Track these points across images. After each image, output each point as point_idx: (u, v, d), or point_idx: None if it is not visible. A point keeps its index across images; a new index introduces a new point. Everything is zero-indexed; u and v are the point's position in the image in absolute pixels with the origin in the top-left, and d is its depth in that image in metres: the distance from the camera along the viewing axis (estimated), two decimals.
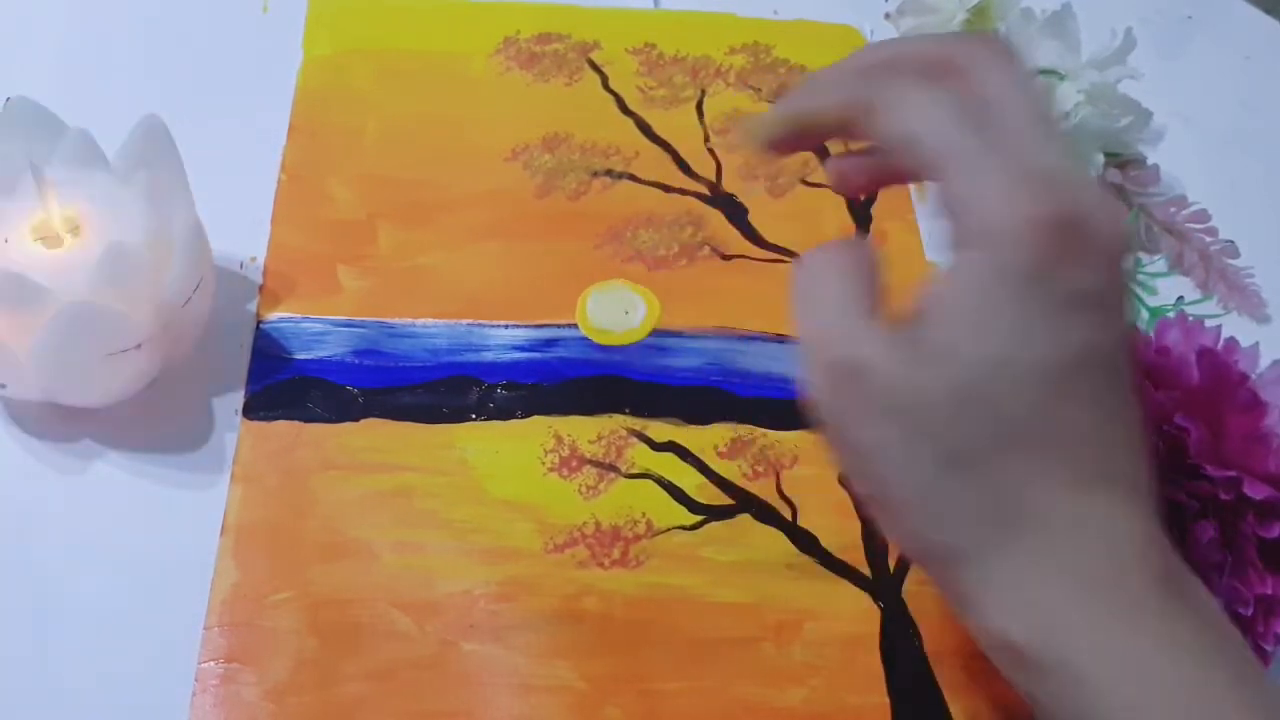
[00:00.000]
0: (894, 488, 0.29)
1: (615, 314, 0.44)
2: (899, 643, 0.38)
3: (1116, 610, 0.28)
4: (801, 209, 0.49)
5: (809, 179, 0.50)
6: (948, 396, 0.28)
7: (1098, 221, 0.28)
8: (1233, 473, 0.36)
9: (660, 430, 0.42)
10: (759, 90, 0.53)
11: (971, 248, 0.28)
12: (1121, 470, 0.29)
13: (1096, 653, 0.27)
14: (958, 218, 0.29)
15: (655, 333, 0.44)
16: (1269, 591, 0.36)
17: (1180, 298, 0.48)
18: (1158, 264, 0.49)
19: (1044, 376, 0.28)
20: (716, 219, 0.48)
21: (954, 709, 0.37)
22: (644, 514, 0.40)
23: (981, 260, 0.28)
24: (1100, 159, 0.50)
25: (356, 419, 0.41)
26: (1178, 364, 0.38)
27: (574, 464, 0.41)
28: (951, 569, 0.29)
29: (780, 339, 0.44)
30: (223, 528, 0.38)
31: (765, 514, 0.40)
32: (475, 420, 0.41)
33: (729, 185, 0.49)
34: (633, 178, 0.49)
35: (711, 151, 0.50)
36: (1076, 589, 0.28)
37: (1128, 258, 0.29)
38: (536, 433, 0.41)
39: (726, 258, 0.47)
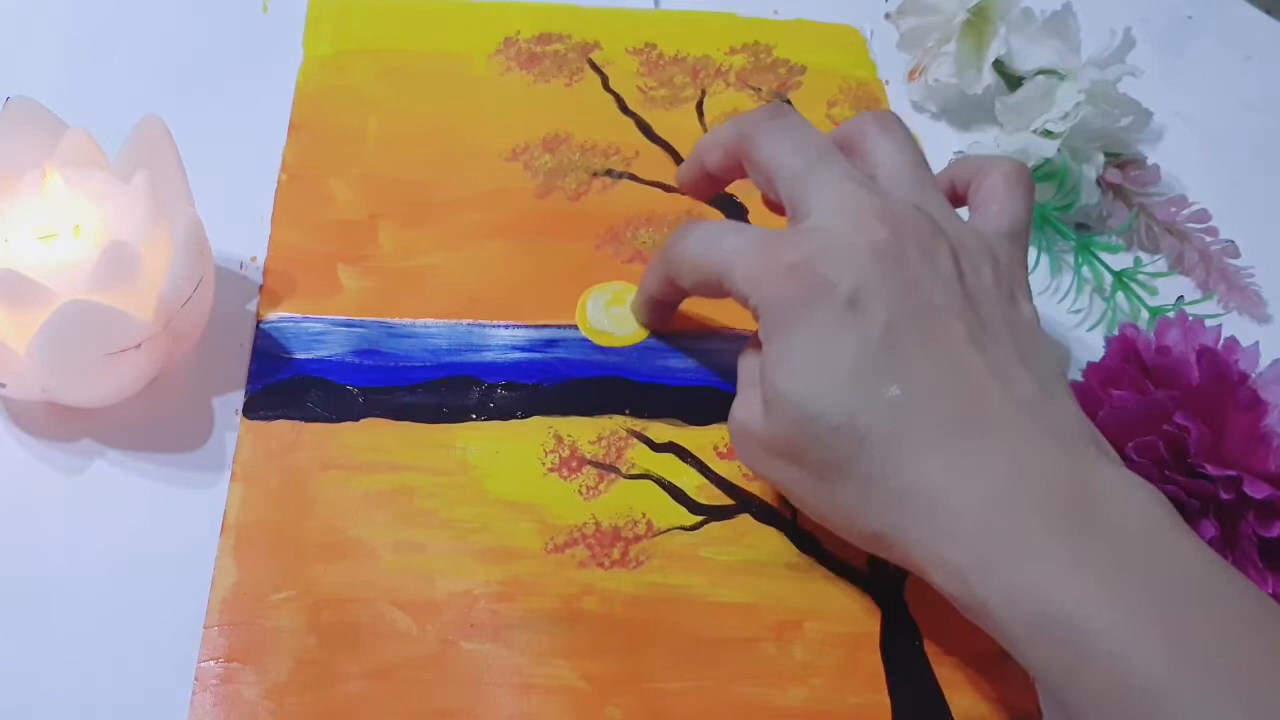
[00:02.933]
0: (808, 502, 0.36)
1: (615, 316, 0.44)
2: (899, 643, 0.38)
3: (1022, 525, 0.31)
4: None
5: None
6: (790, 432, 0.34)
7: (830, 252, 0.34)
8: (1233, 472, 0.36)
9: (660, 431, 0.42)
10: (759, 90, 0.53)
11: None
12: (973, 416, 0.33)
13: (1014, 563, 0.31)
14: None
15: (655, 333, 0.44)
16: (1270, 591, 0.36)
17: (1180, 297, 0.48)
18: (1158, 264, 0.49)
19: (850, 382, 0.33)
20: (717, 219, 0.48)
21: (954, 709, 0.37)
22: (644, 514, 0.40)
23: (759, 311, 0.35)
24: (1100, 159, 0.50)
25: (357, 419, 0.41)
26: (1178, 363, 0.38)
27: (574, 464, 0.41)
28: (887, 549, 0.34)
29: None
30: (223, 527, 0.38)
31: (765, 514, 0.40)
32: (475, 420, 0.41)
33: (729, 185, 0.49)
34: (633, 178, 0.49)
35: None
36: (983, 515, 0.32)
37: (870, 271, 0.34)
38: (537, 433, 0.41)
39: None
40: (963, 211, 0.40)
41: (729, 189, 0.49)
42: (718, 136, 0.40)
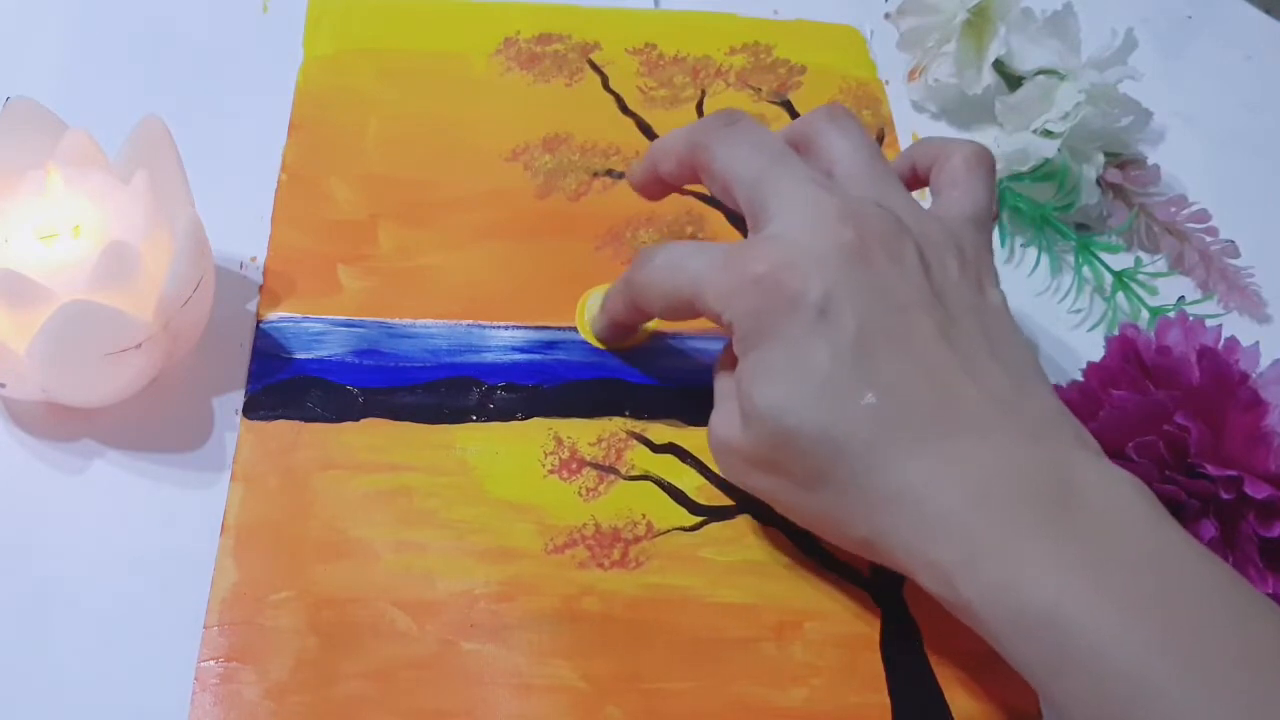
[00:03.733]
0: (794, 511, 0.36)
1: None
2: (899, 643, 0.38)
3: (1001, 523, 0.32)
4: None
5: None
6: (770, 445, 0.35)
7: (790, 262, 0.34)
8: (1233, 472, 0.36)
9: (660, 432, 0.42)
10: (759, 90, 0.53)
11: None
12: (948, 415, 0.33)
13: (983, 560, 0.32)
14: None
15: (655, 335, 0.44)
16: (1270, 591, 0.36)
17: (1181, 297, 0.48)
18: (1158, 264, 0.49)
19: (825, 393, 0.33)
20: (716, 219, 0.48)
21: (954, 709, 0.37)
22: (644, 515, 0.40)
23: (731, 324, 0.35)
24: (1100, 159, 0.50)
25: (357, 419, 0.41)
26: (1178, 363, 0.38)
27: (574, 466, 0.41)
28: (875, 552, 0.35)
29: None
30: (223, 527, 0.38)
31: (765, 514, 0.40)
32: (475, 421, 0.41)
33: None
34: None
35: None
36: (961, 515, 0.32)
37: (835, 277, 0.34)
38: (537, 434, 0.41)
39: None
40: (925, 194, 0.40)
41: None
42: (671, 144, 0.40)
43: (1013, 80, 0.52)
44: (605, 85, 0.52)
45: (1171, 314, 0.42)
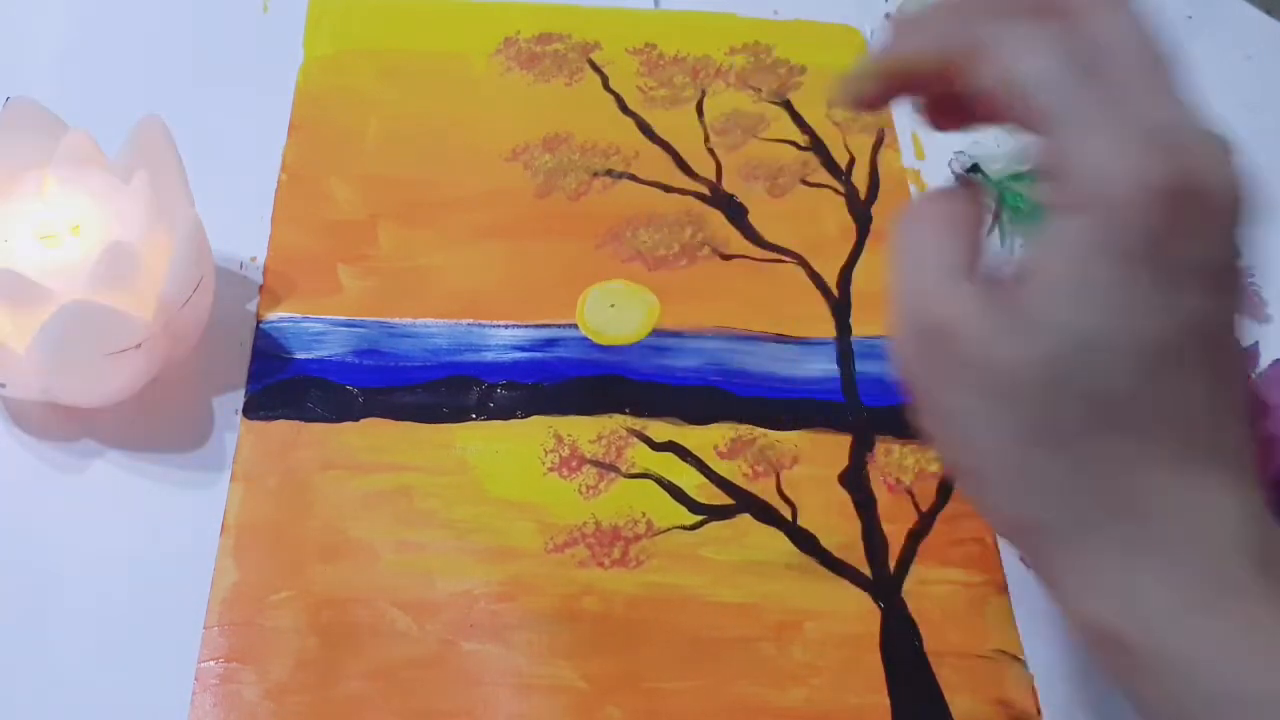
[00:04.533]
0: (978, 457, 0.28)
1: (615, 314, 0.44)
2: (899, 642, 0.38)
3: (1210, 595, 0.26)
4: (801, 209, 0.48)
5: (809, 179, 0.50)
6: (1042, 370, 0.26)
7: (1216, 189, 0.28)
8: None
9: (660, 430, 0.42)
10: (759, 90, 0.53)
11: (1078, 212, 0.26)
12: (1223, 446, 0.27)
13: (1189, 637, 0.26)
14: (1063, 176, 0.27)
15: (655, 333, 0.44)
16: None
17: None
18: None
19: (1147, 354, 0.26)
20: (716, 219, 0.48)
21: (954, 709, 0.37)
22: (644, 514, 0.40)
23: (1089, 227, 0.26)
24: None
25: (357, 419, 0.41)
26: None
27: (574, 464, 0.41)
28: (1038, 547, 0.29)
29: (780, 339, 0.44)
30: (223, 527, 0.38)
31: (765, 514, 0.40)
32: (475, 420, 0.41)
33: (729, 185, 0.49)
34: (633, 178, 0.49)
35: (711, 151, 0.50)
36: (1172, 573, 0.27)
37: (1243, 225, 0.28)
38: (537, 433, 0.41)
39: (726, 257, 0.47)
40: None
41: (729, 189, 0.49)
42: (941, 29, 0.30)
43: None
44: (605, 85, 0.52)
45: None
